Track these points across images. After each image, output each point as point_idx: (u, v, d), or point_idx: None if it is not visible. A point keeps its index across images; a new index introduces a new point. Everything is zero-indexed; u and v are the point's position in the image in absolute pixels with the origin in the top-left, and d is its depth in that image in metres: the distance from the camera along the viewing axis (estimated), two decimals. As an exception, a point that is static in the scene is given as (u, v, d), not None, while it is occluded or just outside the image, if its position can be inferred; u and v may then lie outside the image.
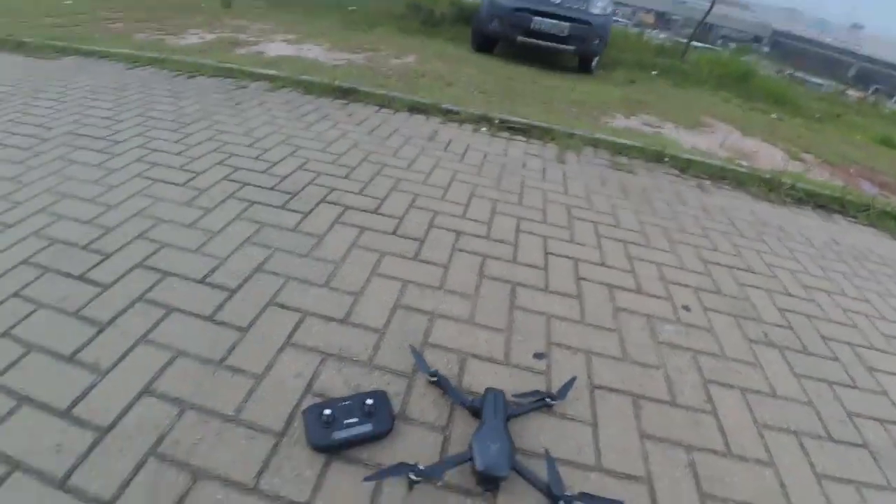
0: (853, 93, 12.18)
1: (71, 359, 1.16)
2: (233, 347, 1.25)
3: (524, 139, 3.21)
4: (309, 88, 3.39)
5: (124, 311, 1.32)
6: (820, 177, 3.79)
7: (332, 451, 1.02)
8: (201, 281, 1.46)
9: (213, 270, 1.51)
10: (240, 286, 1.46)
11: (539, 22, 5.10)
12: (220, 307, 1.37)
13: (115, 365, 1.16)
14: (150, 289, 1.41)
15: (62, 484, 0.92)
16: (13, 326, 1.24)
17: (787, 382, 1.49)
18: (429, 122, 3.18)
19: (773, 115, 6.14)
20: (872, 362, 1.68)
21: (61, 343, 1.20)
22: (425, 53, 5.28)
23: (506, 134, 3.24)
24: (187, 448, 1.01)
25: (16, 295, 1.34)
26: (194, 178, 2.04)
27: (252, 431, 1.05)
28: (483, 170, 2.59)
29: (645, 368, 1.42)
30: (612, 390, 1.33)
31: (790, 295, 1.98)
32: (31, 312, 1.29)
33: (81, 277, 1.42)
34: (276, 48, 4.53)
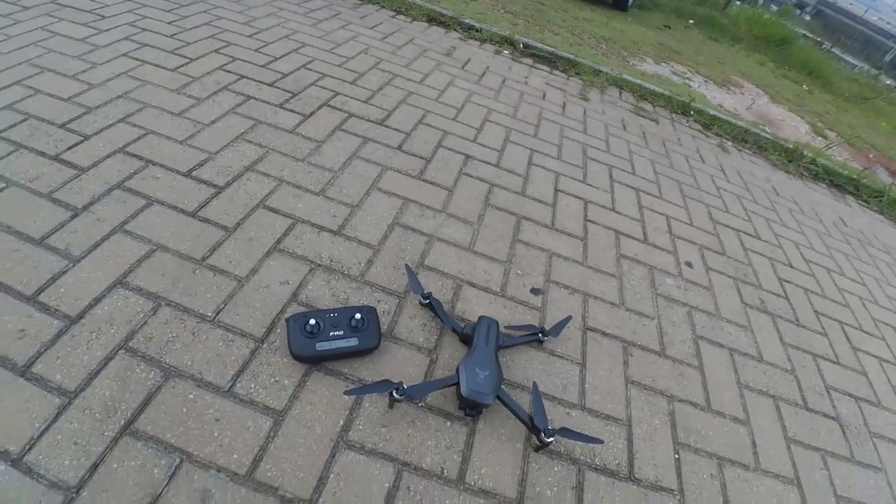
0: (886, 79, 11.67)
1: (40, 242, 1.08)
2: (216, 247, 1.17)
3: (547, 69, 3.00)
4: (320, -18, 3.07)
5: (101, 197, 1.22)
6: (840, 157, 3.68)
7: (313, 362, 0.98)
8: (187, 174, 1.35)
9: (200, 164, 1.40)
10: (228, 184, 1.36)
11: (579, -57, 4.62)
12: (206, 204, 1.28)
13: (87, 253, 1.08)
14: (131, 177, 1.30)
15: (24, 371, 0.87)
16: (-22, 202, 1.14)
17: (775, 349, 1.51)
18: (447, 37, 2.94)
19: (805, 87, 5.88)
20: (858, 343, 1.71)
21: (31, 225, 1.11)
22: (451, -38, 4.80)
23: (528, 61, 3.02)
24: (160, 345, 0.96)
25: (-16, 169, 1.22)
26: (187, 64, 1.85)
27: (230, 335, 1.00)
28: (500, 95, 2.43)
29: (640, 317, 1.40)
30: (604, 334, 1.30)
31: (791, 267, 1.97)
32: (0, 190, 1.18)
33: (57, 158, 1.30)
34: (287, -66, 4.07)
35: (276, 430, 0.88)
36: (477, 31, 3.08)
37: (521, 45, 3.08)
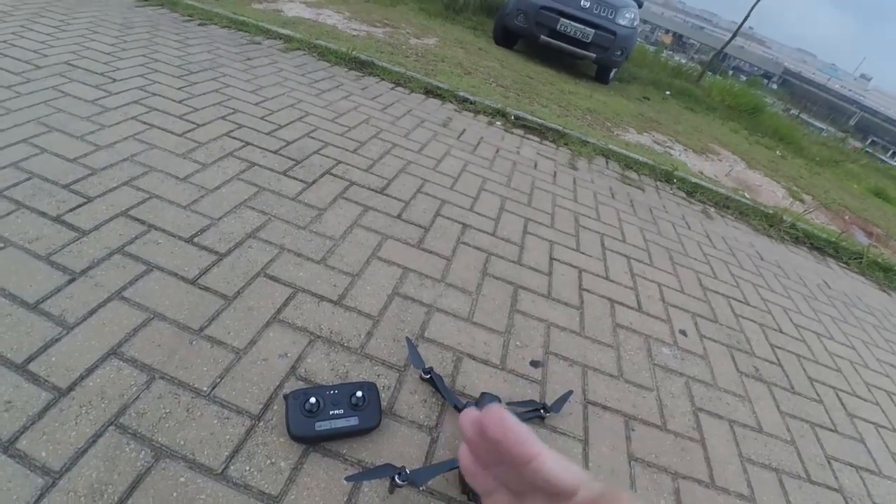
0: (852, 142, 12.46)
1: (34, 307, 1.06)
2: (215, 316, 1.16)
3: (538, 139, 3.15)
4: (324, 55, 3.27)
5: (100, 262, 1.22)
6: (817, 220, 3.84)
7: (312, 442, 0.95)
8: (189, 240, 1.37)
9: (202, 230, 1.42)
10: (230, 251, 1.37)
11: (565, 24, 5.02)
12: (206, 271, 1.28)
13: (83, 320, 1.07)
14: (132, 241, 1.31)
15: (7, 447, 0.82)
16: (-26, 263, 1.13)
17: (773, 419, 1.50)
18: (443, 108, 3.10)
19: (778, 153, 6.21)
20: (853, 409, 1.71)
21: (26, 288, 1.09)
22: (446, 38, 5.17)
23: (520, 131, 3.18)
24: (153, 422, 0.92)
25: (-18, 229, 1.22)
26: (194, 129, 1.92)
27: (226, 411, 0.97)
28: (494, 164, 2.53)
29: (639, 389, 1.39)
30: (605, 408, 1.28)
31: (782, 332, 1.99)
32: (-3, 250, 1.17)
33: (58, 219, 1.31)
34: (295, 8, 4.38)
35: (270, 518, 0.84)
36: (471, 103, 3.26)
37: (513, 117, 3.26)
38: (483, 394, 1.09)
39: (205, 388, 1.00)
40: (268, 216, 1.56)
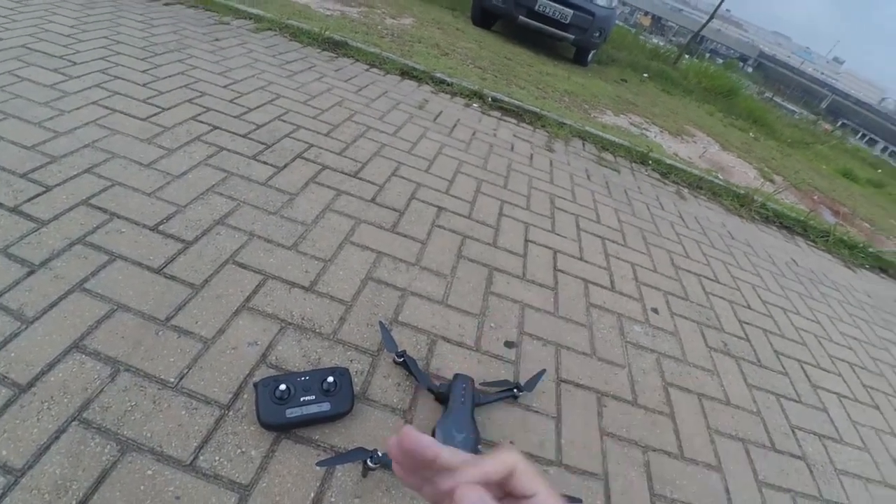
0: (823, 124, 12.78)
1: (-9, 301, 1.02)
2: (182, 306, 1.13)
3: (515, 121, 3.14)
4: (296, 35, 3.17)
5: (61, 252, 1.17)
6: (787, 200, 3.94)
7: (283, 429, 0.94)
8: (153, 228, 1.32)
9: (168, 218, 1.37)
10: (197, 238, 1.33)
11: (543, 4, 4.96)
12: (172, 260, 1.25)
13: (43, 313, 1.03)
14: (94, 231, 1.26)
15: (-35, 445, 0.80)
16: (-74, 257, 1.07)
17: (740, 392, 1.55)
18: (420, 90, 3.05)
19: (751, 134, 6.33)
20: (817, 380, 1.79)
21: (-19, 282, 1.05)
22: (423, 18, 5.07)
23: (497, 113, 3.16)
24: (118, 415, 0.90)
25: (-66, 221, 1.16)
26: (158, 113, 1.85)
27: (194, 402, 0.96)
28: (471, 147, 2.51)
29: (611, 366, 1.42)
30: (578, 386, 1.31)
31: (750, 308, 2.05)
32: (-50, 243, 1.12)
33: (15, 210, 1.25)
34: (264, -12, 4.21)
35: (241, 506, 0.83)
36: (448, 84, 3.21)
37: (490, 99, 3.23)
38: (456, 375, 1.10)
39: (172, 380, 0.98)
40: (237, 202, 1.52)
